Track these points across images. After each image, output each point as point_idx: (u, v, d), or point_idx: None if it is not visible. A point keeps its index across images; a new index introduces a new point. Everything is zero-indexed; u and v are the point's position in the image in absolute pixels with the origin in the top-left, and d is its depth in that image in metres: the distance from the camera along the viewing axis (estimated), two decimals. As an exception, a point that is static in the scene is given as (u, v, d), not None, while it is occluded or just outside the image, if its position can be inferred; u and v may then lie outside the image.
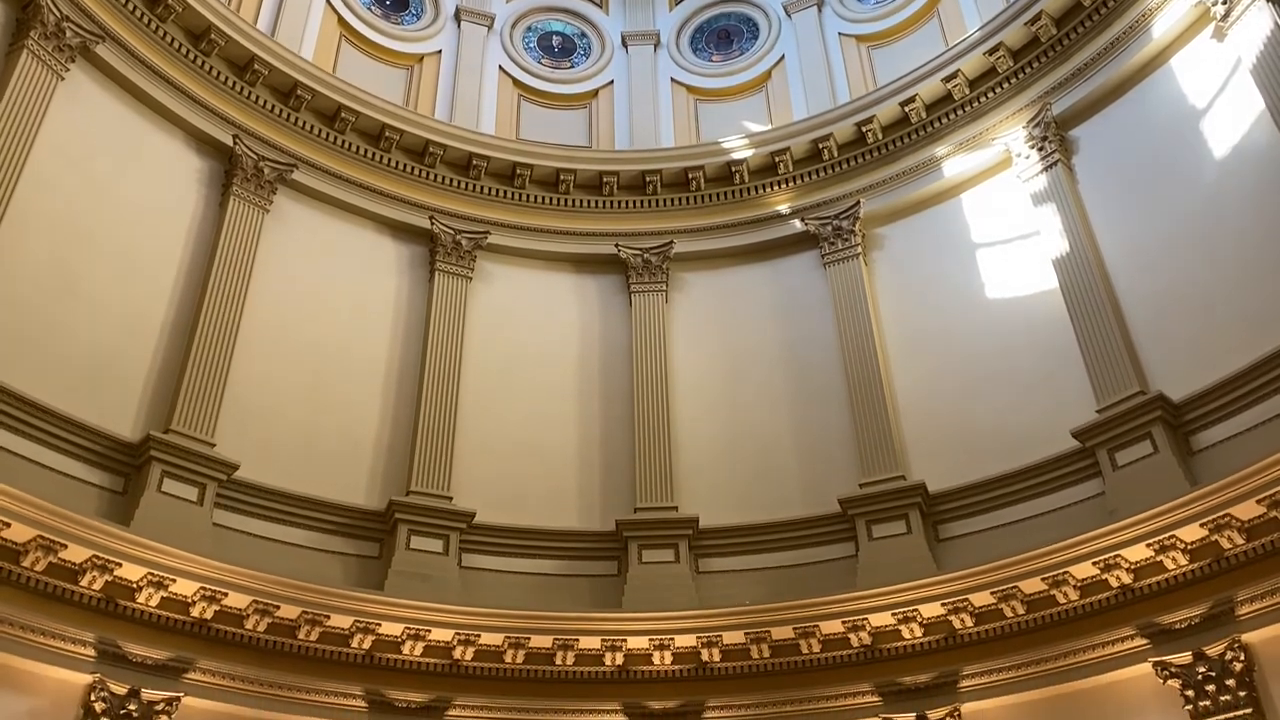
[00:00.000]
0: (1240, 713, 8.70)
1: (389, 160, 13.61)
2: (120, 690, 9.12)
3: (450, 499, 11.64)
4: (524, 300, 13.65)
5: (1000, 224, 12.59)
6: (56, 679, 8.99)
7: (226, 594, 9.69)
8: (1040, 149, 12.29)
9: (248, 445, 10.87)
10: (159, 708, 9.27)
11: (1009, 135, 12.67)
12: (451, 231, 13.49)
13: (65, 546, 8.94)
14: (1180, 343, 10.43)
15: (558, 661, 10.77)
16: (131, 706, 9.12)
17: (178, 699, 9.40)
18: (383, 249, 13.38)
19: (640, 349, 13.17)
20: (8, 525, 8.66)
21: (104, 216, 11.11)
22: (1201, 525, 9.00)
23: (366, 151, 13.51)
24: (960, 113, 13.19)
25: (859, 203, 13.44)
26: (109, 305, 10.75)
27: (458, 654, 10.54)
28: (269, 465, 10.98)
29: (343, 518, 11.22)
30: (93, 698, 9.01)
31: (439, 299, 13.03)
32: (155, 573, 9.35)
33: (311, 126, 13.22)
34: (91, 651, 9.13)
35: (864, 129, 13.65)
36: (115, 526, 9.32)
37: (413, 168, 13.74)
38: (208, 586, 9.59)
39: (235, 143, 12.46)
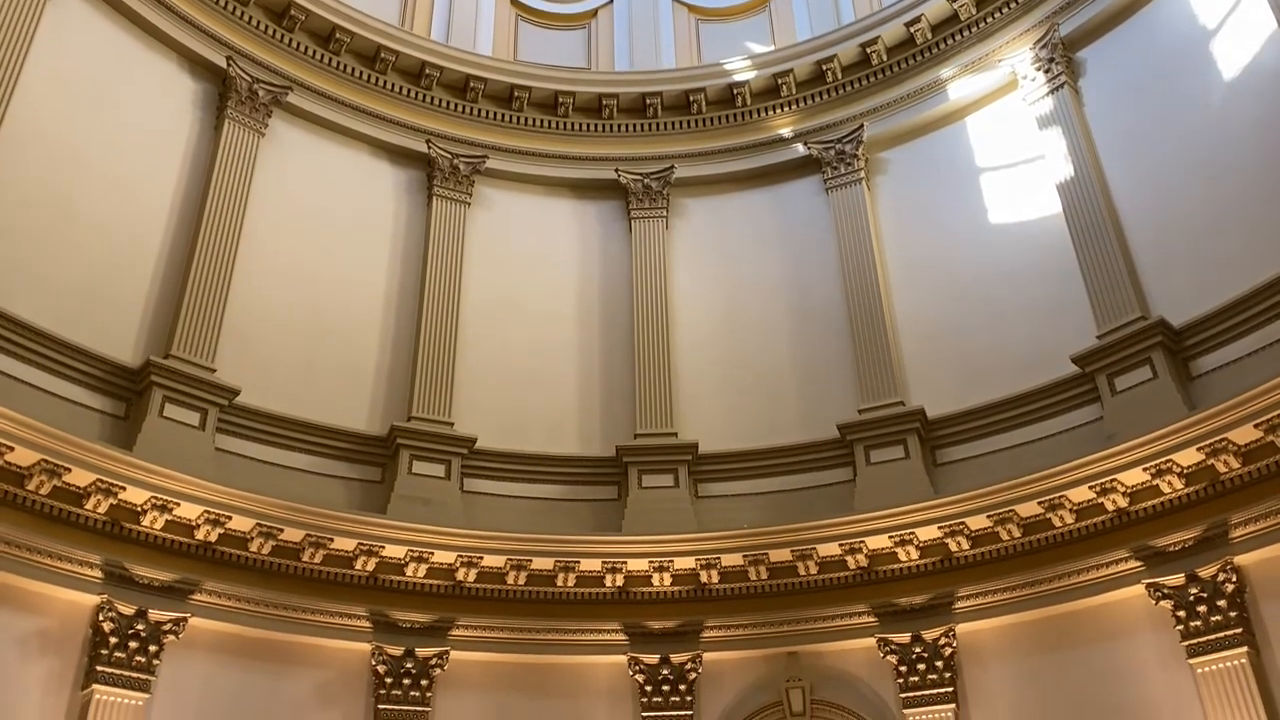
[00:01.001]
0: (1230, 633, 8.84)
1: (385, 83, 13.40)
2: (128, 611, 9.26)
3: (451, 425, 11.69)
4: (523, 226, 13.55)
5: (1005, 148, 12.45)
6: (65, 600, 9.13)
7: (230, 517, 9.79)
8: (1047, 71, 12.09)
9: (248, 371, 10.88)
10: (166, 628, 9.43)
11: (1015, 57, 12.45)
12: (449, 156, 13.33)
13: (69, 470, 9.00)
14: (1183, 268, 10.38)
15: (559, 583, 10.93)
16: (139, 627, 9.27)
17: (185, 619, 9.55)
18: (380, 174, 13.24)
19: (640, 275, 13.11)
20: (11, 449, 8.71)
21: (98, 141, 10.98)
22: (1199, 449, 9.05)
23: (362, 74, 13.29)
24: (966, 33, 12.95)
25: (862, 126, 13.26)
26: (105, 230, 10.68)
27: (460, 576, 10.69)
28: (270, 391, 11.00)
29: (344, 443, 11.28)
30: (101, 618, 9.15)
31: (437, 224, 12.93)
32: (159, 496, 9.43)
33: (306, 48, 12.99)
34: (98, 573, 9.26)
35: (868, 50, 13.41)
36: (118, 451, 9.37)
37: (409, 90, 13.53)
38: (212, 510, 9.68)
39: (229, 64, 12.25)
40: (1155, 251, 10.70)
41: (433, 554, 10.57)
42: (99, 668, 9.00)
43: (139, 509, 9.44)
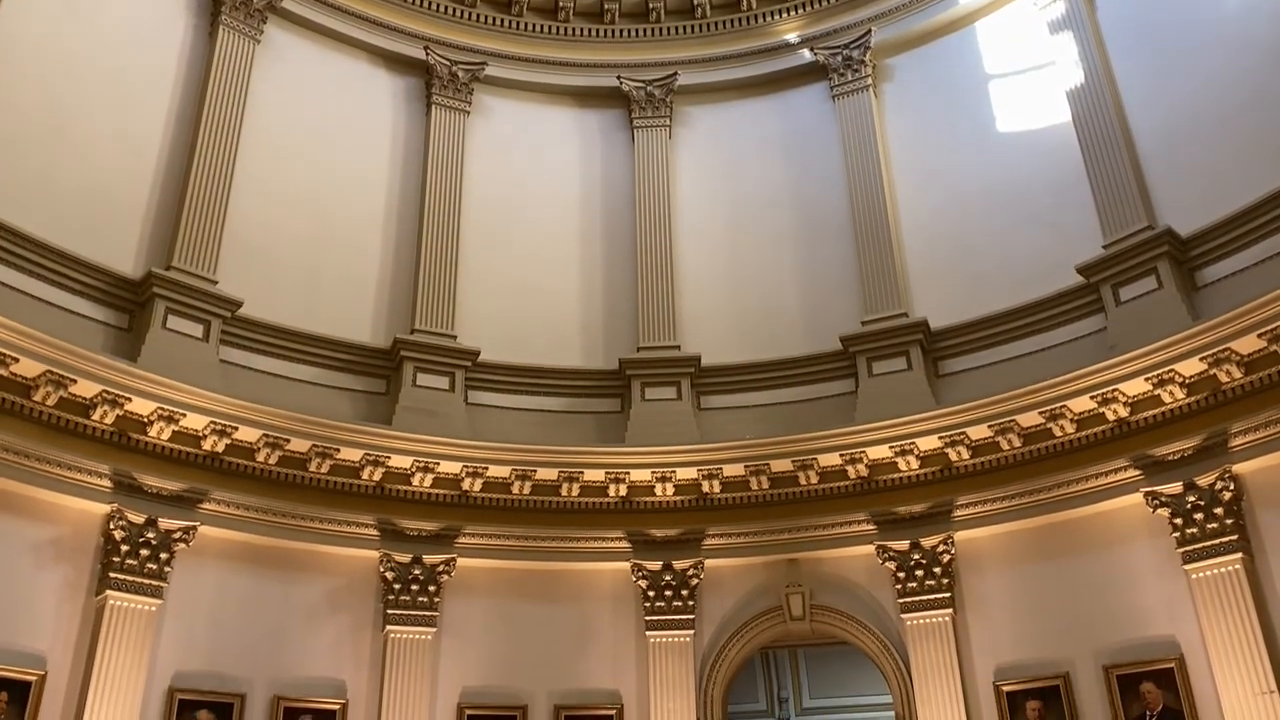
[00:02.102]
0: (1226, 539, 8.96)
1: (381, -13, 13.10)
2: (138, 520, 9.41)
3: (454, 337, 11.70)
4: (524, 136, 13.35)
5: (1015, 55, 12.18)
6: (76, 509, 9.28)
7: (236, 428, 9.87)
8: (1061, -28, 11.77)
9: (250, 283, 10.85)
10: (176, 536, 9.59)
11: (1028, -42, 12.11)
12: (447, 63, 13.08)
13: (74, 381, 9.05)
14: (1191, 177, 10.24)
15: (563, 493, 11.06)
16: (150, 535, 9.43)
17: (194, 528, 9.71)
18: (378, 82, 13.00)
19: (643, 186, 12.96)
20: (16, 360, 8.75)
21: (90, 46, 10.77)
22: (1201, 359, 9.05)
23: (358, -23, 12.98)
24: (978, -66, 12.58)
25: (870, 31, 12.95)
26: (101, 139, 10.54)
27: (466, 485, 10.82)
28: (272, 303, 10.98)
29: (348, 355, 11.30)
30: (112, 526, 9.31)
31: (436, 134, 12.74)
32: (165, 407, 9.50)
33: (300, -50, 12.66)
34: (108, 483, 9.38)
35: (877, -50, 13.06)
36: (123, 362, 9.40)
37: (406, -6, 13.23)
38: (218, 421, 9.76)
39: (220, -32, 11.96)
40: (1164, 161, 10.55)
41: (438, 464, 10.69)
42: (112, 575, 9.17)
43: (145, 420, 9.51)
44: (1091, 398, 9.60)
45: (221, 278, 10.64)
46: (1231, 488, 9.05)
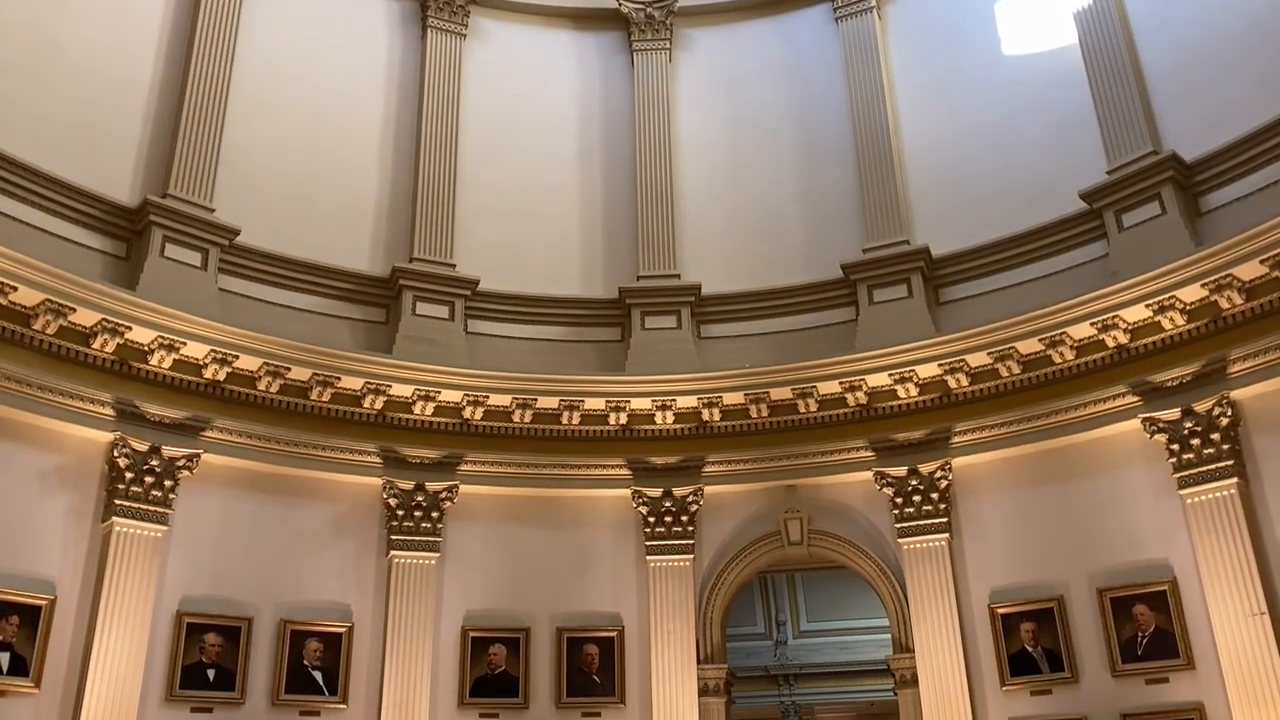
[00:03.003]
0: (1222, 464, 9.03)
1: (375, -95, 12.77)
2: (141, 447, 9.48)
3: (453, 266, 11.65)
4: (521, 60, 13.12)
5: (1021, -26, 11.96)
6: (80, 437, 9.33)
7: (237, 357, 9.88)
8: (1070, -111, 11.47)
9: (247, 211, 10.75)
10: (180, 464, 9.67)
11: (1038, -128, 11.79)
12: (442, -16, 12.82)
13: (74, 310, 9.04)
14: (1197, 102, 10.11)
15: (564, 421, 11.12)
16: (154, 462, 9.50)
17: (197, 455, 9.78)
18: (372, 5, 12.66)
19: (642, 111, 12.77)
20: (15, 289, 8.73)
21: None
22: (1202, 286, 9.03)
23: (351, -106, 12.64)
24: None
25: (874, -49, 12.69)
26: (93, 64, 10.36)
27: (467, 414, 10.88)
28: (270, 231, 10.90)
29: (347, 283, 11.27)
30: (116, 454, 9.37)
31: (432, 59, 12.52)
32: (165, 336, 9.50)
33: None
34: (110, 411, 9.42)
35: None
36: (122, 291, 9.38)
37: (401, -88, 12.91)
38: (218, 349, 9.77)
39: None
40: (1170, 85, 10.39)
41: (439, 393, 10.73)
42: (117, 501, 9.27)
43: (146, 348, 9.52)
44: (1092, 324, 9.60)
45: (218, 206, 10.56)
46: (1229, 413, 9.10)
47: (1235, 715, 8.50)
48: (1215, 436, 9.10)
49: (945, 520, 10.38)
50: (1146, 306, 9.33)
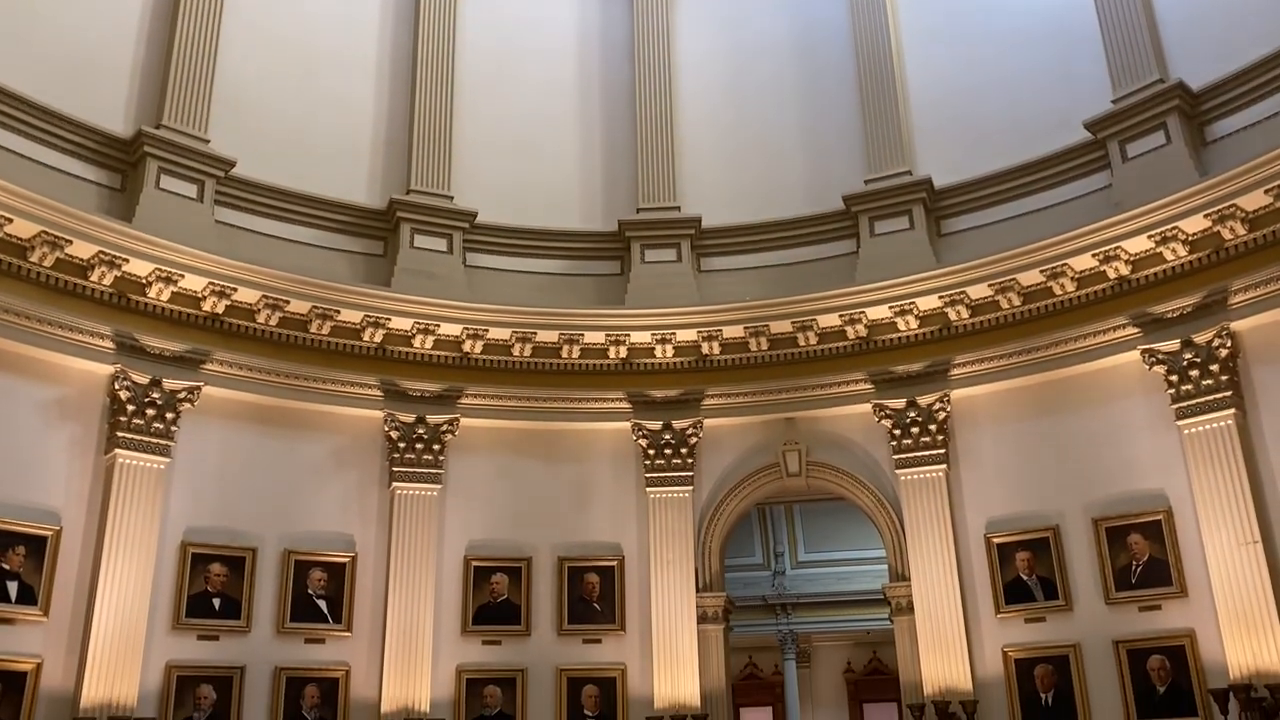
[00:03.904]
0: (1220, 395, 9.07)
1: None
2: (142, 380, 9.49)
3: (451, 198, 11.57)
4: (519, -13, 12.91)
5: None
6: (81, 370, 9.35)
7: (236, 289, 9.86)
8: None
9: (243, 142, 10.63)
10: (181, 396, 9.70)
11: None
12: (439, -90, 12.53)
13: (70, 242, 9.00)
14: (1205, 29, 9.97)
15: (563, 355, 11.14)
16: (155, 395, 9.53)
17: (198, 388, 9.81)
18: (367, -71, 12.49)
19: (641, 40, 12.57)
20: (10, 221, 8.68)
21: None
22: (1205, 216, 8.99)
23: None
24: None
25: None
26: (83, -10, 10.20)
27: (467, 347, 10.89)
28: (266, 163, 10.79)
29: (345, 216, 11.20)
30: (117, 387, 9.40)
31: (429, -14, 12.32)
32: (163, 268, 9.47)
33: None
34: (110, 344, 9.42)
35: None
36: (118, 223, 9.33)
37: None
38: (216, 282, 9.75)
39: None
40: (1178, 12, 10.23)
41: (439, 326, 10.73)
42: (119, 434, 9.31)
43: (144, 281, 9.49)
44: (1093, 255, 9.57)
45: (213, 137, 10.44)
46: (1228, 345, 9.11)
47: (1225, 641, 8.64)
48: (1214, 368, 9.12)
49: (943, 452, 10.45)
50: (1149, 238, 9.29)
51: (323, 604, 10.10)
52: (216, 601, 9.65)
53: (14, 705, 8.39)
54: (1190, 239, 9.20)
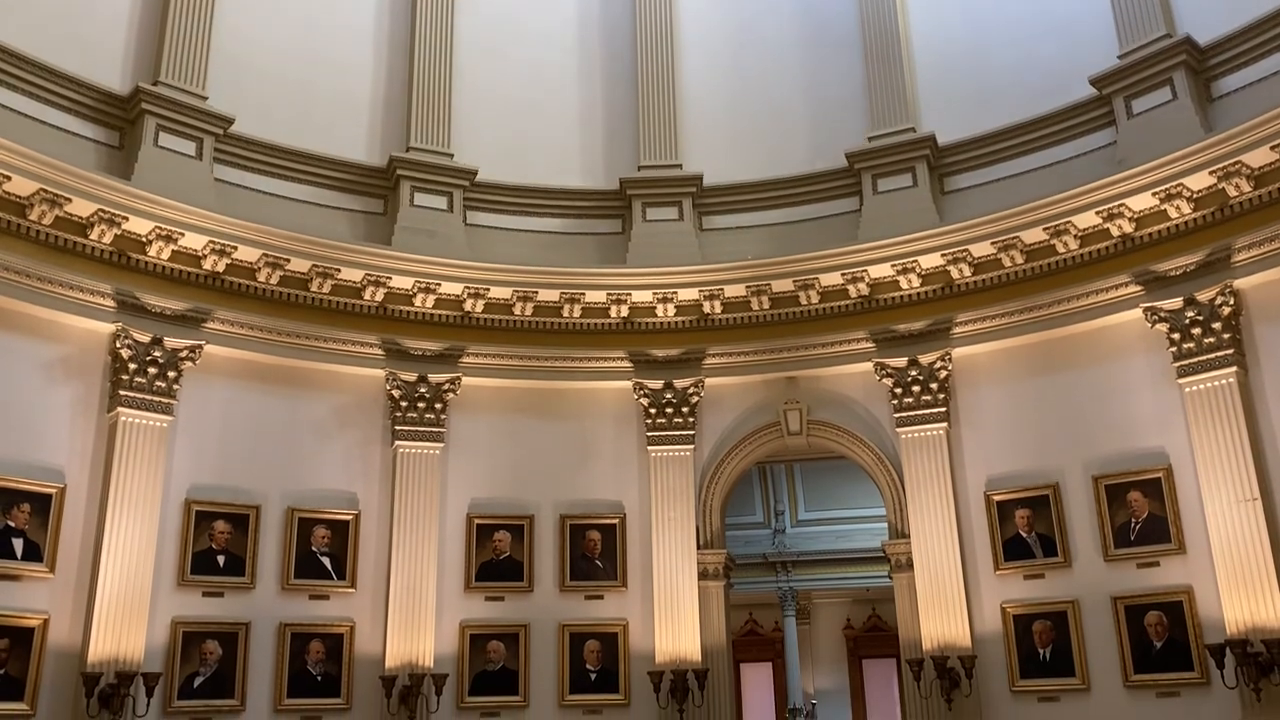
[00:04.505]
0: (1222, 353, 9.05)
1: None
2: (143, 339, 9.49)
3: (451, 156, 11.49)
4: (519, -57, 12.73)
5: None
6: (82, 328, 9.34)
7: (236, 248, 9.82)
8: None
9: (240, 99, 10.53)
10: (183, 355, 9.69)
11: None
12: None
13: (70, 200, 8.95)
14: (1217, -18, 9.85)
15: (565, 314, 11.13)
16: (156, 354, 9.53)
17: (200, 347, 9.81)
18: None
19: (644, -6, 12.45)
20: (8, 179, 8.63)
21: None
22: (1210, 173, 8.93)
23: None
24: None
25: None
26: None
27: (468, 306, 10.87)
28: (264, 120, 10.71)
29: (345, 173, 11.13)
30: (118, 345, 9.39)
31: (428, -59, 12.15)
32: (162, 227, 9.43)
33: None
34: (111, 302, 9.41)
35: None
36: (117, 181, 9.28)
37: None
38: (216, 240, 9.71)
39: None
40: (1187, -37, 10.12)
41: (439, 285, 10.70)
42: (122, 392, 9.32)
43: (144, 239, 9.46)
44: (1097, 213, 9.52)
45: (211, 93, 10.35)
46: (1231, 302, 9.08)
47: (1223, 597, 8.70)
48: (1216, 326, 9.10)
49: (944, 410, 10.47)
50: (1153, 195, 9.24)
51: (326, 561, 10.17)
52: (221, 558, 9.72)
53: (22, 660, 8.49)
54: (1195, 196, 9.14)
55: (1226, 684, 8.46)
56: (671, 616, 10.50)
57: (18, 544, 8.68)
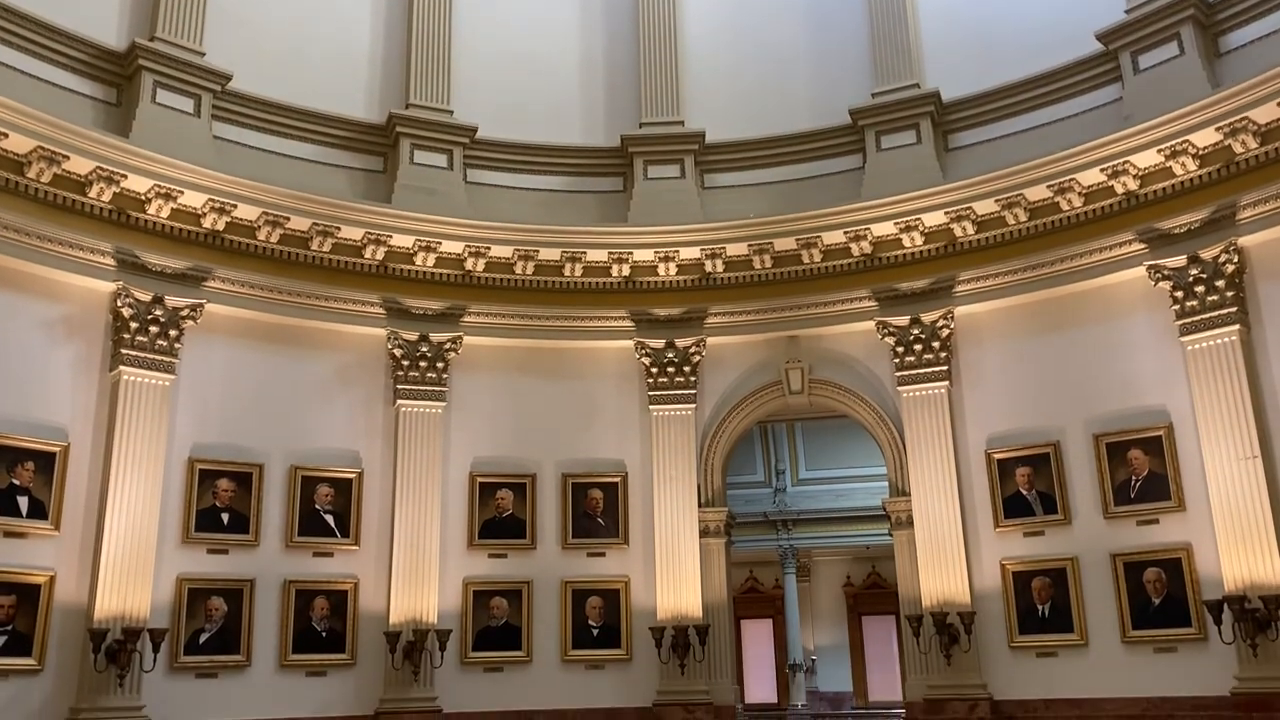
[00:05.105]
0: (1225, 311, 9.03)
1: None
2: (144, 297, 9.47)
3: (451, 112, 11.40)
4: (518, -107, 12.54)
5: None
6: (82, 287, 9.32)
7: (235, 206, 9.78)
8: None
9: (238, 55, 10.42)
10: (184, 313, 9.68)
11: None
12: None
13: (67, 158, 8.89)
14: (1225, -65, 9.70)
15: (566, 273, 11.10)
16: (158, 312, 9.51)
17: (201, 305, 9.79)
18: None
19: (646, -52, 12.28)
20: (5, 136, 8.57)
21: None
22: (1217, 129, 8.84)
23: None
24: None
25: None
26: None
27: (469, 265, 10.84)
28: (263, 76, 10.61)
29: (344, 131, 11.06)
30: (119, 304, 9.37)
31: (426, -108, 11.96)
32: (162, 184, 9.38)
33: None
34: (111, 261, 9.38)
35: None
36: (115, 138, 9.22)
37: None
38: (216, 198, 9.66)
39: None
40: (1197, -84, 9.95)
41: (440, 244, 10.66)
42: (124, 351, 9.31)
43: (143, 197, 9.41)
44: (1101, 170, 9.45)
45: (209, 50, 10.25)
46: (1235, 260, 9.04)
47: (1221, 554, 8.75)
48: (1220, 283, 9.07)
49: (945, 369, 10.47)
50: (1159, 151, 9.16)
51: (330, 519, 10.22)
52: (225, 516, 9.77)
53: (30, 616, 8.56)
54: (1200, 153, 9.07)
55: (1224, 640, 8.53)
56: (673, 573, 10.58)
57: (23, 502, 8.73)
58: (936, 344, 10.47)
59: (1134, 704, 9.05)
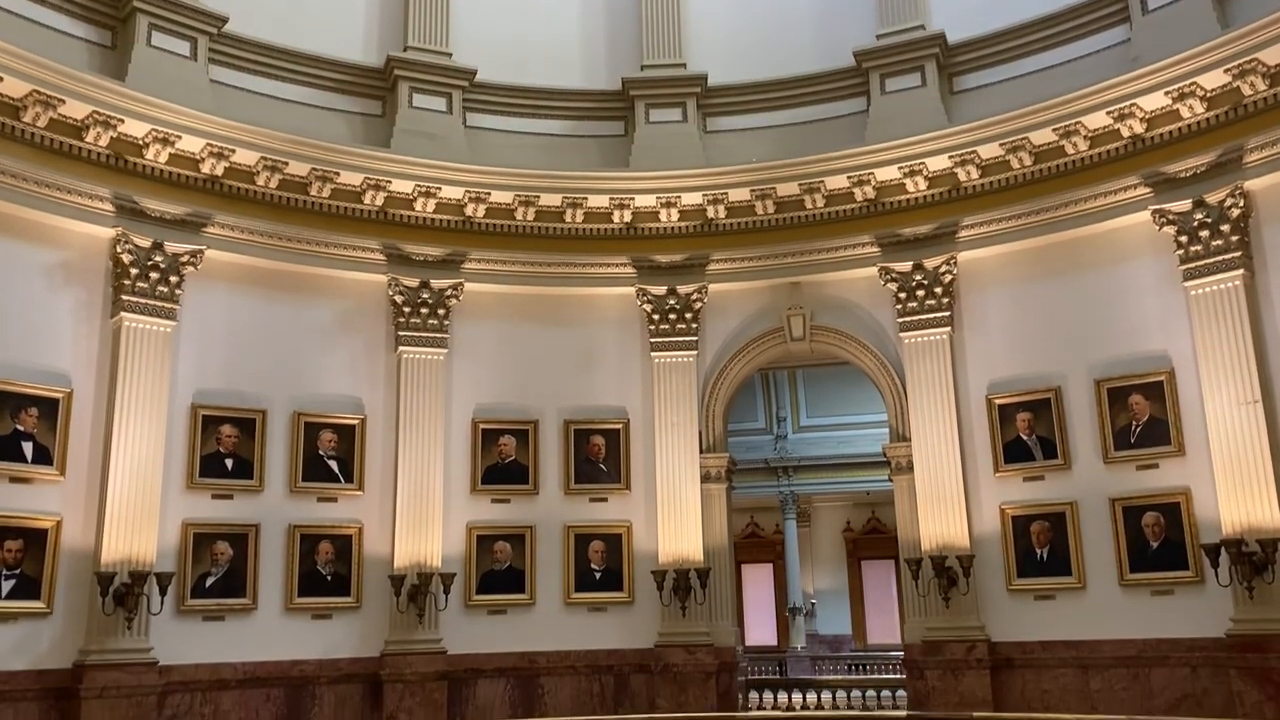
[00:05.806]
0: (1229, 256, 8.97)
1: None
2: (144, 243, 9.42)
3: (449, 55, 11.26)
4: None
5: None
6: (81, 233, 9.28)
7: (234, 150, 9.69)
8: None
9: (233, -3, 10.32)
10: (184, 259, 9.64)
11: None
12: None
13: (63, 102, 8.80)
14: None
15: (567, 219, 11.04)
16: (158, 258, 9.47)
17: (201, 251, 9.75)
18: None
19: (648, -115, 12.03)
20: (0, 80, 8.47)
21: None
22: (1225, 71, 8.72)
23: None
24: None
25: None
26: None
27: (469, 211, 10.78)
28: (259, 18, 10.45)
29: (341, 74, 10.92)
30: (119, 250, 9.33)
31: None
32: (159, 129, 9.29)
33: None
34: (109, 207, 9.32)
35: None
36: (111, 82, 9.11)
37: None
38: (214, 143, 9.58)
39: None
40: None
41: (440, 189, 10.59)
42: (124, 297, 9.30)
43: (140, 142, 9.33)
44: (1108, 113, 9.35)
45: (202, -10, 10.11)
46: (1241, 204, 8.97)
47: (1220, 498, 8.79)
48: (1225, 228, 9.01)
49: (948, 314, 10.45)
50: (1166, 94, 9.05)
51: (334, 464, 10.28)
52: (229, 462, 9.82)
53: (37, 561, 8.65)
54: (1208, 95, 8.96)
55: (1220, 582, 8.61)
56: (674, 518, 10.66)
57: (27, 447, 8.77)
58: (939, 290, 10.44)
59: (1130, 645, 9.17)
